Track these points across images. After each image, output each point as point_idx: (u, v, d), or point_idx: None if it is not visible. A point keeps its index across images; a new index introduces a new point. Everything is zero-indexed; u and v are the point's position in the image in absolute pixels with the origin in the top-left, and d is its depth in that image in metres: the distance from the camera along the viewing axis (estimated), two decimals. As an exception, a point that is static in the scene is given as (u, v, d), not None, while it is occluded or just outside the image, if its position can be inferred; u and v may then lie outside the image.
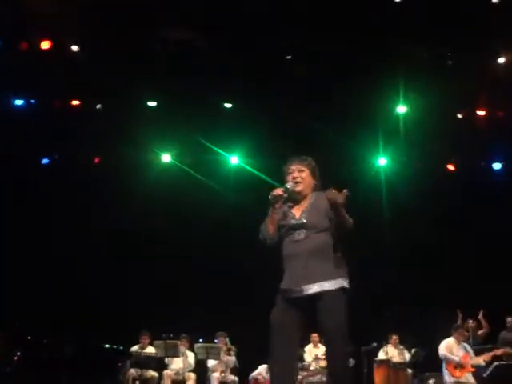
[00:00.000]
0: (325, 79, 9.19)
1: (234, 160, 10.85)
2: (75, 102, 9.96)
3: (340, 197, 3.19)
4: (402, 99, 10.04)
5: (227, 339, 8.60)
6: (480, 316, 8.78)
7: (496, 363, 7.94)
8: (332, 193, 3.20)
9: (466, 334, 8.11)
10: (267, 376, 8.09)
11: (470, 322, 8.59)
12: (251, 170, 10.65)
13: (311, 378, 8.31)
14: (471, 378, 7.40)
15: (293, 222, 3.38)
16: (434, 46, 9.16)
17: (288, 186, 3.43)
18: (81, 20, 8.34)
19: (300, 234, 3.33)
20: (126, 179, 9.86)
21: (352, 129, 9.81)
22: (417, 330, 8.81)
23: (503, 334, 8.64)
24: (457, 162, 10.81)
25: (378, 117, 9.90)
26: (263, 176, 10.40)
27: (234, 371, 8.63)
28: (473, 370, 7.45)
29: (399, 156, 10.67)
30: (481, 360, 7.63)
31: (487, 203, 9.92)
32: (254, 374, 8.35)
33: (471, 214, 9.94)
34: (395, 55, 9.12)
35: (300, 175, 3.45)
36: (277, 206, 3.40)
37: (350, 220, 3.30)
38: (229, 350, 8.50)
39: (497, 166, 10.76)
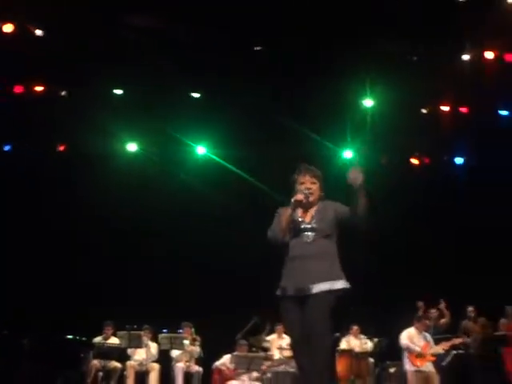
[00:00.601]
0: (294, 72, 9.22)
1: (201, 150, 10.82)
2: (39, 88, 9.73)
3: (358, 176, 3.45)
4: (369, 93, 10.17)
5: (193, 329, 8.60)
6: (441, 306, 9.00)
7: (454, 352, 8.20)
8: (355, 173, 3.44)
9: (428, 323, 8.30)
10: (231, 366, 8.12)
11: (433, 311, 8.77)
12: (218, 160, 10.65)
13: (275, 368, 8.37)
14: (431, 367, 7.58)
15: (304, 225, 3.62)
16: (402, 41, 9.28)
17: (305, 192, 3.64)
18: (47, 4, 8.14)
19: (309, 237, 3.57)
20: (92, 167, 9.74)
21: (319, 121, 9.89)
22: (378, 321, 8.95)
23: (464, 323, 8.87)
24: (421, 157, 11.02)
25: (345, 110, 9.99)
26: (230, 166, 10.43)
27: (198, 361, 8.64)
28: (433, 358, 7.63)
29: (365, 149, 10.82)
30: (440, 349, 7.83)
31: (449, 197, 10.16)
32: (218, 363, 8.35)
33: (434, 208, 10.15)
34: (364, 49, 9.22)
35: (312, 187, 3.70)
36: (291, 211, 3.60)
37: (364, 209, 3.51)
38: (194, 340, 8.50)
39: (459, 160, 11.04)
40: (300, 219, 3.64)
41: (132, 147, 10.56)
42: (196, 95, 10.25)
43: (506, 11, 8.38)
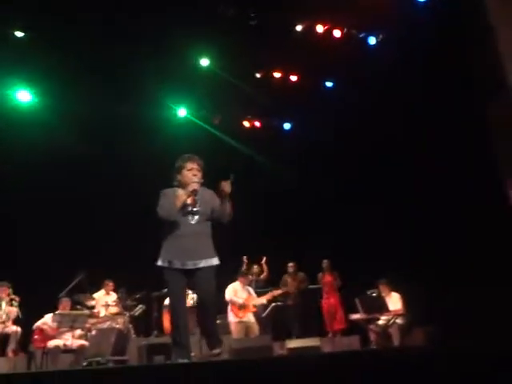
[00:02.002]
0: (132, 21, 8.81)
1: (24, 96, 9.94)
2: None
3: (228, 187, 4.27)
4: (205, 53, 10.16)
5: (10, 289, 8.05)
6: (263, 262, 9.63)
7: (273, 304, 8.88)
8: (226, 184, 4.26)
9: (250, 278, 8.83)
10: (54, 325, 7.80)
11: (255, 267, 9.38)
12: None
13: (100, 325, 8.26)
14: (252, 318, 8.11)
15: (190, 208, 4.33)
16: (240, 4, 9.37)
17: (196, 180, 4.39)
18: None
19: (193, 219, 4.31)
20: None
21: (155, 79, 9.67)
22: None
23: (284, 277, 9.64)
24: (252, 120, 11.42)
25: (181, 69, 9.89)
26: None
27: (16, 322, 8.14)
28: (254, 310, 8.16)
29: (199, 109, 10.92)
30: (262, 300, 8.40)
31: (276, 160, 10.72)
32: (38, 323, 7.95)
33: (262, 172, 10.64)
34: (201, 11, 9.12)
35: (198, 174, 4.44)
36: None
37: (230, 209, 4.35)
38: (12, 300, 7.98)
39: (287, 126, 11.66)
40: (187, 202, 4.32)
41: None
42: (19, 34, 9.27)
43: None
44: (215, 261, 4.38)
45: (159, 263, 4.32)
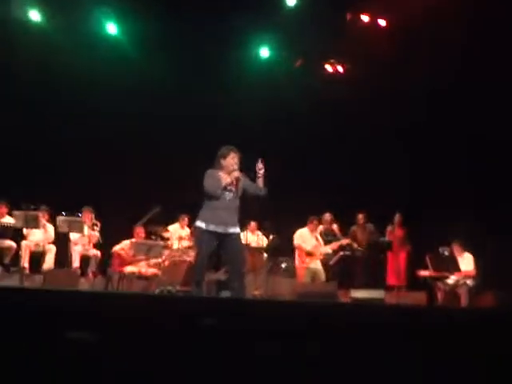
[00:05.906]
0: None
1: (112, 29, 10.16)
2: None
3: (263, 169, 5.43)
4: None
5: (93, 214, 8.50)
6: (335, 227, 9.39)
7: (341, 253, 8.87)
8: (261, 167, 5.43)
9: (320, 225, 8.77)
10: (130, 252, 8.23)
11: (327, 214, 9.15)
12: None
13: (173, 257, 8.60)
14: (319, 265, 8.17)
15: (228, 188, 5.39)
16: None
17: (237, 171, 5.41)
18: None
19: (229, 196, 5.39)
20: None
21: (234, 15, 9.52)
22: (274, 218, 9.27)
23: (353, 229, 9.46)
24: (335, 64, 11.07)
25: (267, 5, 9.68)
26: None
27: (96, 246, 8.64)
28: (322, 257, 8.21)
29: (281, 49, 10.70)
30: (329, 249, 8.42)
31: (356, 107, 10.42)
32: (117, 247, 8.39)
33: (341, 118, 10.39)
34: None
35: (237, 162, 5.43)
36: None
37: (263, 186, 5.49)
38: (94, 225, 8.44)
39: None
40: (225, 183, 5.39)
41: (34, 15, 9.71)
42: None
43: None
44: (238, 229, 5.52)
45: (198, 224, 5.41)
